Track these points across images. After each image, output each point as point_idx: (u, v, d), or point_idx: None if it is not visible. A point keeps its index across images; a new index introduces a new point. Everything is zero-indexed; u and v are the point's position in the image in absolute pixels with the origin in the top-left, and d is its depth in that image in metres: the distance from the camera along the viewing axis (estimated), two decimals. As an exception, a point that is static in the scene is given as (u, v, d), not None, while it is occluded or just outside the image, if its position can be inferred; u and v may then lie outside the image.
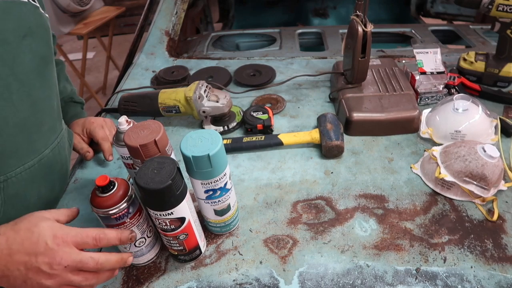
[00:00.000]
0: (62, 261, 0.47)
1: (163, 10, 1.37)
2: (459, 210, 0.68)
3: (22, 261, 0.46)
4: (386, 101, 0.88)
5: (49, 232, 0.47)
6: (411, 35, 1.45)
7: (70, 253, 0.48)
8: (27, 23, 0.59)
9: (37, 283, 0.47)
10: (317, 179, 0.76)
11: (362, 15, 0.86)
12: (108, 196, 0.53)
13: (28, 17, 0.60)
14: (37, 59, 0.62)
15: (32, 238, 0.47)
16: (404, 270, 0.59)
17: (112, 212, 0.53)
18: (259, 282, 0.58)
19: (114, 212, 0.53)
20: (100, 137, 0.82)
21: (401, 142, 0.85)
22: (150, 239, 0.60)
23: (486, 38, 1.34)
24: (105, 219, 0.54)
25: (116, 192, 0.53)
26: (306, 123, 0.92)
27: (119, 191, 0.53)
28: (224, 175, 0.57)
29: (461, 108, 0.80)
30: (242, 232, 0.67)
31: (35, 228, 0.47)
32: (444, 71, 0.94)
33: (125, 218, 0.55)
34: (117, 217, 0.54)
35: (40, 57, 0.63)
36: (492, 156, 0.66)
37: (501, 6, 0.87)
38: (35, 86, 0.61)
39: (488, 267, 0.58)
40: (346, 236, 0.65)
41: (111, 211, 0.53)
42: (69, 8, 2.32)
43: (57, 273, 0.47)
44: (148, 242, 0.60)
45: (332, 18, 2.28)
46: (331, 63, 1.12)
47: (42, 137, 0.65)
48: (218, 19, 2.27)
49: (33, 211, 0.60)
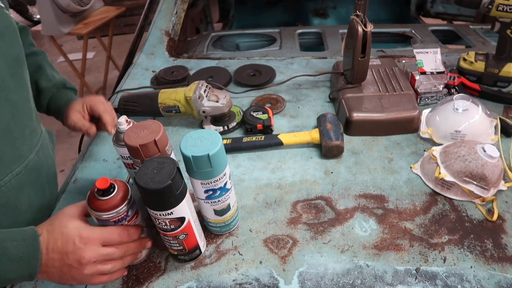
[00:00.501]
0: (90, 258, 0.52)
1: (163, 10, 1.37)
2: (459, 210, 0.68)
3: (57, 258, 0.51)
4: (386, 101, 0.88)
5: (76, 232, 0.52)
6: (411, 35, 1.45)
7: (96, 250, 0.52)
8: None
9: (71, 276, 0.53)
10: (317, 179, 0.76)
11: (362, 15, 0.86)
12: (108, 199, 0.52)
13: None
14: (10, 62, 0.61)
15: (63, 238, 0.51)
16: (404, 270, 0.59)
17: (111, 215, 0.53)
18: (259, 282, 0.58)
19: (112, 215, 0.53)
20: (101, 110, 0.79)
21: (401, 142, 0.85)
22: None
23: (486, 38, 1.34)
24: (102, 221, 0.54)
25: (116, 195, 0.53)
26: (306, 123, 0.92)
27: (118, 194, 0.53)
28: (224, 175, 0.57)
29: (461, 108, 0.80)
30: (242, 232, 0.67)
31: (64, 230, 0.52)
32: (444, 71, 0.94)
33: (123, 221, 0.55)
34: (116, 220, 0.54)
35: (13, 59, 0.62)
36: (492, 156, 0.66)
37: (501, 6, 0.87)
38: (11, 89, 0.60)
39: (488, 267, 0.58)
40: (346, 236, 0.65)
41: (110, 215, 0.53)
42: (69, 8, 2.32)
43: (87, 267, 0.52)
44: None
45: (332, 18, 2.28)
46: (331, 63, 1.12)
47: (26, 141, 0.64)
48: (218, 19, 2.27)
49: (24, 219, 0.64)
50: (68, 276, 0.53)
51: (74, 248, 0.51)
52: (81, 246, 0.51)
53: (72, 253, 0.51)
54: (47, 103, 0.83)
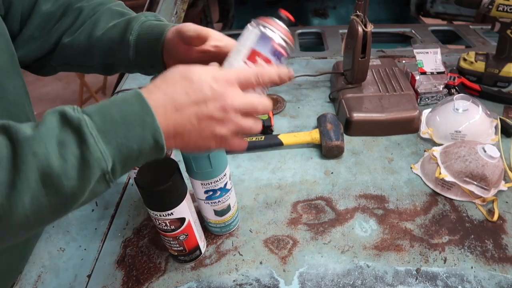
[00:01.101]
0: (234, 103, 0.41)
1: (163, 10, 1.37)
2: (459, 211, 0.68)
3: (193, 112, 0.40)
4: (386, 101, 0.88)
5: (209, 75, 0.41)
6: (411, 35, 1.45)
7: (239, 94, 0.42)
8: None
9: (211, 133, 0.42)
10: (317, 179, 0.76)
11: (362, 15, 0.86)
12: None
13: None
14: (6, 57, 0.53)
15: (194, 85, 0.40)
16: (405, 271, 0.59)
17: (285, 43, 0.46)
18: (259, 283, 0.58)
19: (286, 45, 0.47)
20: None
21: (401, 142, 0.85)
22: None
23: (486, 38, 1.34)
24: (264, 44, 0.45)
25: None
26: (306, 123, 0.92)
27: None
28: (224, 175, 0.57)
29: (461, 108, 0.79)
30: (242, 233, 0.67)
31: (191, 75, 0.41)
32: (444, 71, 0.94)
33: (277, 61, 0.47)
34: (276, 52, 0.46)
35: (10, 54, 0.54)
36: (492, 156, 0.66)
37: (501, 6, 0.87)
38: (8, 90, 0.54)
39: (488, 267, 0.58)
40: (346, 237, 0.65)
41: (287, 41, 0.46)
42: (69, 8, 2.32)
43: (230, 118, 0.42)
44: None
45: (332, 18, 2.28)
46: (331, 63, 1.11)
47: None
48: (218, 19, 2.26)
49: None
50: (208, 134, 0.42)
51: (213, 93, 0.40)
52: (221, 89, 0.41)
53: (213, 100, 0.40)
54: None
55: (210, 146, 0.43)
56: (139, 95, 0.38)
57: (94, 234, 0.68)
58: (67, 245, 0.66)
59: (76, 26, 0.60)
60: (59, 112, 0.36)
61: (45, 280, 0.61)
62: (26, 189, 0.33)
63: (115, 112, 0.37)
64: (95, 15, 0.60)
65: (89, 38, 0.59)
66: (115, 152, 0.37)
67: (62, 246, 0.66)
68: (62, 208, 0.37)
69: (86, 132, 0.35)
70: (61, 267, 0.63)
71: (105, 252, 0.65)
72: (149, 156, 0.40)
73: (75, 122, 0.35)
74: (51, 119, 0.35)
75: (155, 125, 0.38)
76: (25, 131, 0.34)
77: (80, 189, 0.36)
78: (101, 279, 0.60)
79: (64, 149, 0.34)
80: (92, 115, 0.36)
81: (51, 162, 0.34)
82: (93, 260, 0.64)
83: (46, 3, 0.61)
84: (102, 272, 0.61)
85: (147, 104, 0.38)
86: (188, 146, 0.43)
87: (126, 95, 0.39)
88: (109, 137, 0.36)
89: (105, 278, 0.60)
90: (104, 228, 0.69)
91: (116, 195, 0.76)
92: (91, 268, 0.62)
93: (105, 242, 0.67)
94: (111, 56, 0.59)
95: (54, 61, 0.63)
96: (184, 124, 0.40)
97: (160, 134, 0.38)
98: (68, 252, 0.65)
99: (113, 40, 0.58)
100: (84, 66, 0.63)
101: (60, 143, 0.34)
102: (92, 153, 0.35)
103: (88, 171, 0.35)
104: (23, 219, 0.34)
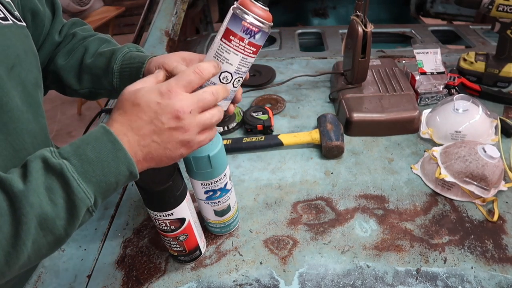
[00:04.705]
0: (184, 106, 0.44)
1: (163, 10, 1.37)
2: (459, 211, 0.68)
3: (151, 131, 0.43)
4: (386, 102, 0.88)
5: (154, 92, 0.44)
6: (411, 35, 1.45)
7: (186, 97, 0.44)
8: (15, 51, 0.51)
9: (176, 143, 0.45)
10: (317, 179, 0.76)
11: (362, 15, 0.86)
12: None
13: (14, 44, 0.51)
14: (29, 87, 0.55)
15: (143, 107, 0.43)
16: (405, 271, 0.59)
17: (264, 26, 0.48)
18: (259, 283, 0.58)
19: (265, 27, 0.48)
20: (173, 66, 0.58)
21: (401, 142, 0.85)
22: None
23: (486, 38, 1.34)
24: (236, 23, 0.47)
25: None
26: (306, 123, 0.92)
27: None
28: (224, 175, 0.57)
29: (461, 109, 0.79)
30: (242, 233, 0.67)
31: (138, 100, 0.44)
32: (444, 71, 0.94)
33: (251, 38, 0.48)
34: (250, 30, 0.47)
35: (33, 84, 0.56)
36: (492, 156, 0.66)
37: (501, 6, 0.87)
38: (30, 120, 0.55)
39: (488, 267, 0.58)
40: (346, 237, 0.65)
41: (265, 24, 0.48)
42: (68, 8, 2.33)
43: (187, 122, 0.44)
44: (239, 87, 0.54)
45: (332, 18, 2.27)
46: (331, 63, 1.11)
47: None
48: (218, 19, 2.26)
49: None
50: (173, 144, 0.45)
51: (161, 107, 0.43)
52: (166, 101, 0.43)
53: (163, 114, 0.43)
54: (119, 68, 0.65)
55: (181, 153, 0.46)
56: (109, 132, 0.42)
57: (94, 235, 0.68)
58: (67, 245, 0.66)
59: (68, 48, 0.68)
60: (41, 159, 0.40)
61: (45, 280, 0.61)
62: (28, 236, 0.38)
63: (90, 152, 0.41)
64: (85, 40, 0.69)
65: (80, 64, 0.67)
66: (95, 188, 0.41)
67: (62, 246, 0.66)
68: (57, 243, 0.42)
69: (69, 176, 0.39)
70: (61, 267, 0.63)
71: (105, 252, 0.65)
72: (125, 183, 0.45)
73: (57, 168, 0.39)
74: (36, 167, 0.40)
75: (128, 157, 0.42)
76: (18, 184, 0.38)
77: (70, 225, 0.41)
78: (101, 279, 0.60)
79: (53, 194, 0.39)
80: (70, 159, 0.40)
81: (45, 209, 0.39)
82: (93, 260, 0.64)
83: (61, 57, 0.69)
84: (102, 273, 0.61)
85: (117, 140, 0.42)
86: (161, 161, 0.46)
87: (97, 134, 0.42)
88: (88, 176, 0.41)
89: (105, 278, 0.61)
90: (104, 228, 0.69)
91: (116, 196, 0.76)
92: (91, 269, 0.62)
93: (105, 242, 0.67)
94: (97, 82, 0.67)
95: (49, 81, 0.70)
96: (148, 144, 0.44)
97: (133, 164, 0.43)
98: (68, 253, 0.65)
99: (100, 68, 0.65)
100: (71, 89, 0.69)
101: (47, 189, 0.39)
102: (76, 194, 0.40)
103: (75, 209, 0.40)
104: (26, 260, 0.39)
